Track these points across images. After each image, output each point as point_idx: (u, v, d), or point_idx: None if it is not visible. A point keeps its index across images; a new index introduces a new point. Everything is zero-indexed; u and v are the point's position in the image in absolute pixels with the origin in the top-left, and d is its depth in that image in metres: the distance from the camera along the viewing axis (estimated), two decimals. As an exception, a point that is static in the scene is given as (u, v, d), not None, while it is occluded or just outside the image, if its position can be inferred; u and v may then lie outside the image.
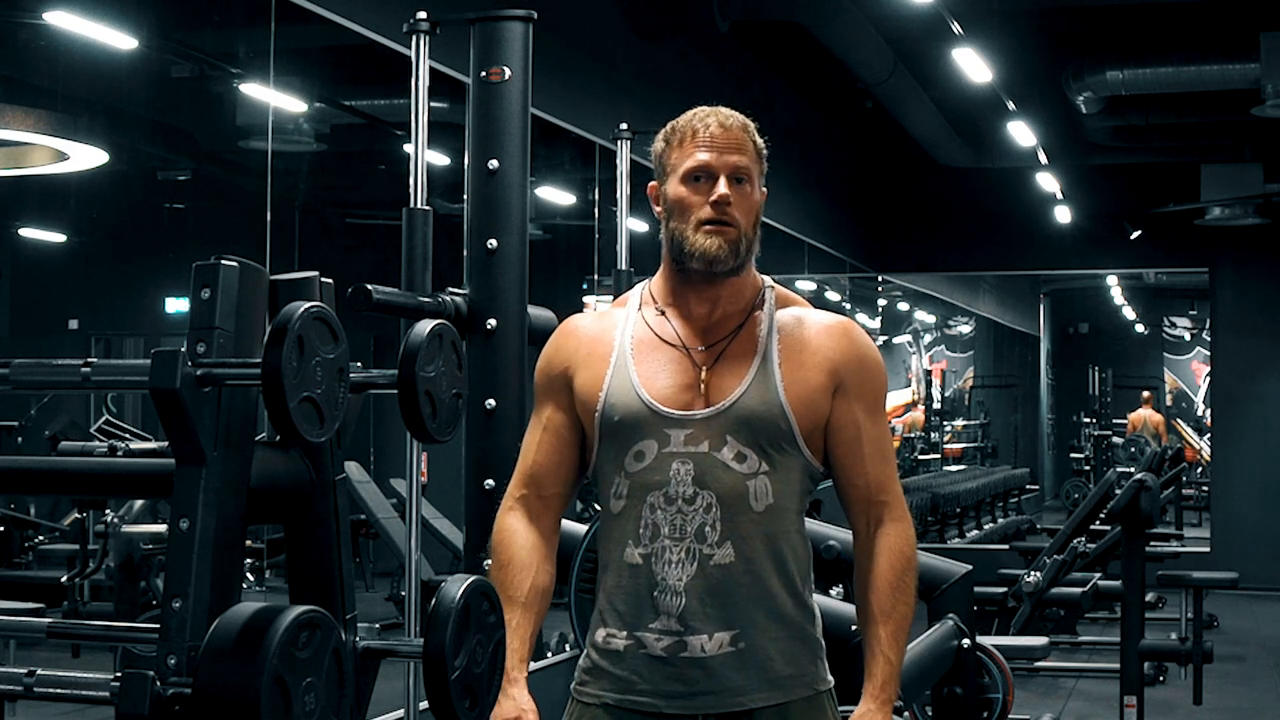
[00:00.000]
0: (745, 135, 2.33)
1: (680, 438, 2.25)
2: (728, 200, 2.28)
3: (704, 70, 9.01)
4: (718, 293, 2.32)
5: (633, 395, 2.28)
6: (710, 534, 2.23)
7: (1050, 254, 13.77)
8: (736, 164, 2.30)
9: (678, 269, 2.33)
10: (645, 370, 2.29)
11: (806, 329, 2.33)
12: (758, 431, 2.24)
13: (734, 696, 2.23)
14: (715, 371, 2.28)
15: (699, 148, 2.30)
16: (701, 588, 2.22)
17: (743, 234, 2.30)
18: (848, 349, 2.33)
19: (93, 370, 2.14)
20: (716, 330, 2.32)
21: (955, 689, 3.82)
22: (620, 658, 2.26)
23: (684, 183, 2.30)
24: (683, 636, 2.22)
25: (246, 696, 1.84)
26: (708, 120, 2.32)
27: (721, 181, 2.28)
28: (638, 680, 2.25)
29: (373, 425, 9.96)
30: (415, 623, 3.64)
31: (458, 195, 3.88)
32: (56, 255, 10.36)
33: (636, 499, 2.26)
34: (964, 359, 20.56)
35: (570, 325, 2.42)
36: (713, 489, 2.24)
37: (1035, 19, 9.89)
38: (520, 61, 3.48)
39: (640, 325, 2.34)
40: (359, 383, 2.24)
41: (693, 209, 2.29)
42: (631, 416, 2.27)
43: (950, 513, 14.18)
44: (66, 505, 8.58)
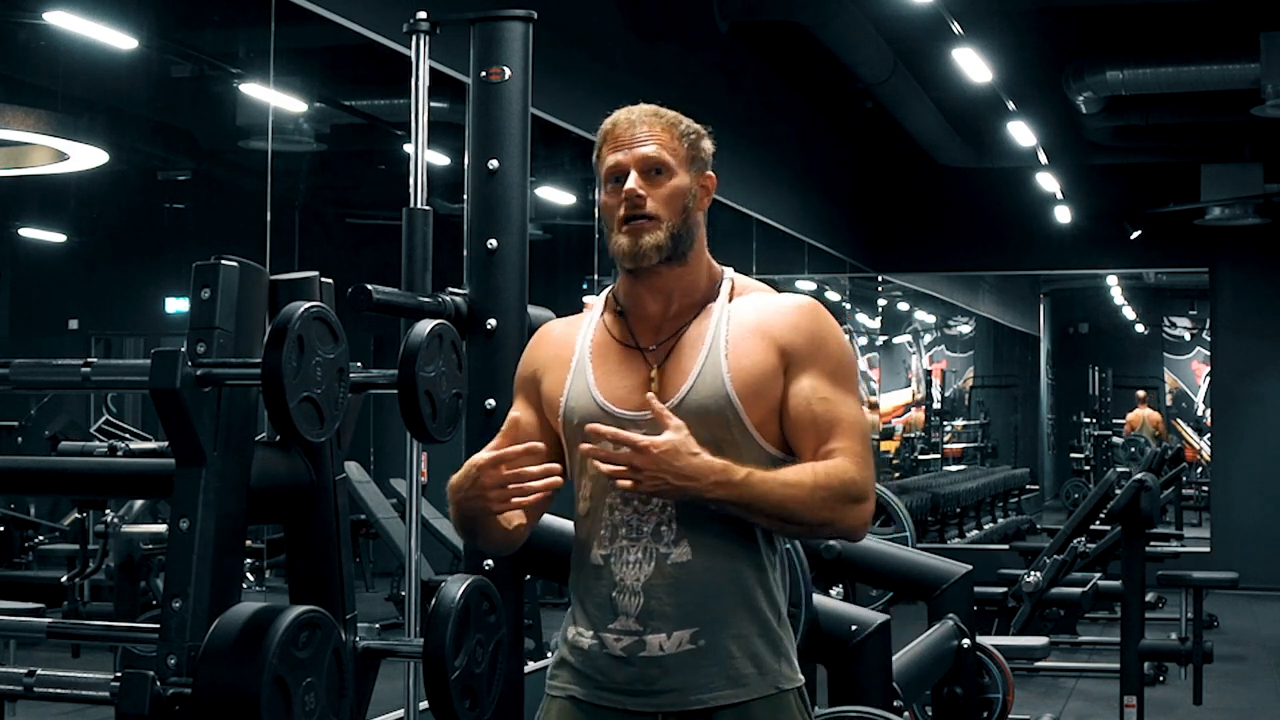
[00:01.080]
0: (657, 123, 2.30)
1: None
2: (636, 194, 2.26)
3: (704, 70, 9.01)
4: (669, 288, 2.32)
5: (589, 398, 2.29)
6: (666, 533, 2.23)
7: (1050, 254, 13.77)
8: (645, 155, 2.27)
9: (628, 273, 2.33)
10: (601, 372, 2.31)
11: (758, 313, 2.32)
12: (708, 425, 2.23)
13: (694, 694, 2.23)
14: (665, 369, 2.29)
15: (610, 150, 2.29)
16: (660, 587, 2.22)
17: (665, 224, 2.27)
18: (798, 324, 2.31)
19: (93, 370, 2.14)
20: (669, 327, 2.32)
21: (955, 689, 3.82)
22: (586, 655, 2.27)
23: (606, 188, 2.31)
24: (641, 636, 2.23)
25: (246, 696, 1.84)
26: (617, 119, 2.31)
27: (631, 177, 2.27)
28: (602, 678, 2.26)
29: (373, 425, 9.96)
30: (415, 623, 3.64)
31: (458, 195, 3.88)
32: (56, 255, 10.36)
33: (598, 500, 2.27)
34: (964, 359, 20.55)
35: (543, 331, 2.45)
36: None
37: (1035, 19, 9.88)
38: (520, 61, 3.48)
39: (599, 328, 2.36)
40: (359, 383, 2.24)
41: (613, 212, 2.29)
42: (589, 417, 2.27)
43: (950, 513, 14.18)
44: (66, 505, 8.58)
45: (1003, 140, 11.72)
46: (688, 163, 2.31)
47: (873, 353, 14.64)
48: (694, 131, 2.33)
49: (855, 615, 3.38)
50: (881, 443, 15.10)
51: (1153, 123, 11.19)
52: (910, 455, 17.03)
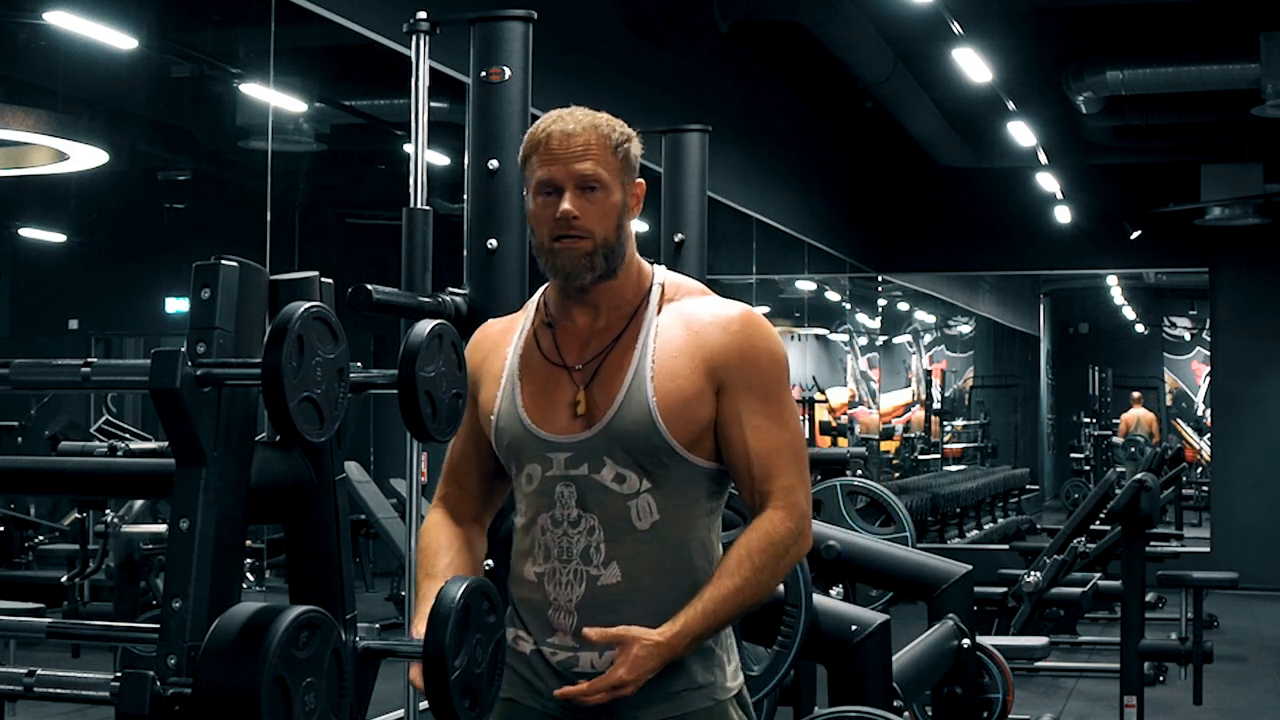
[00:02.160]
0: (592, 136, 2.21)
1: (560, 461, 2.24)
2: (572, 215, 2.20)
3: (704, 70, 9.01)
4: (597, 299, 2.27)
5: (516, 418, 2.26)
6: (595, 555, 2.22)
7: (1050, 254, 13.78)
8: (581, 172, 2.20)
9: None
10: (529, 391, 2.27)
11: (688, 328, 2.25)
12: (633, 451, 2.20)
13: (628, 711, 2.21)
14: (591, 390, 2.24)
15: (543, 160, 2.22)
16: (591, 607, 2.21)
17: (599, 243, 2.21)
18: (728, 344, 2.22)
19: (93, 370, 2.14)
20: (595, 343, 2.27)
21: (955, 689, 3.82)
22: (526, 660, 2.28)
23: (535, 197, 2.24)
24: (576, 653, 2.23)
25: (246, 696, 1.84)
26: (552, 129, 2.22)
27: (566, 196, 2.20)
28: (541, 684, 2.27)
29: (373, 425, 9.96)
30: (415, 623, 3.64)
31: (458, 195, 3.89)
32: (56, 255, 10.37)
33: (531, 520, 2.27)
34: (964, 359, 20.56)
35: (479, 334, 2.41)
36: (594, 511, 2.22)
37: (1035, 19, 9.89)
38: (520, 61, 3.48)
39: (529, 340, 2.31)
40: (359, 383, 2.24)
41: (543, 225, 2.23)
42: (517, 440, 2.26)
43: (950, 513, 14.18)
44: (66, 505, 8.58)
45: (1003, 140, 11.72)
46: (620, 175, 2.24)
47: (873, 353, 14.64)
48: (625, 139, 2.25)
49: (855, 615, 3.38)
50: (881, 443, 15.11)
51: (1153, 123, 11.19)
52: (910, 455, 17.04)
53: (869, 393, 14.47)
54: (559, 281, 2.26)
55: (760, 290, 12.05)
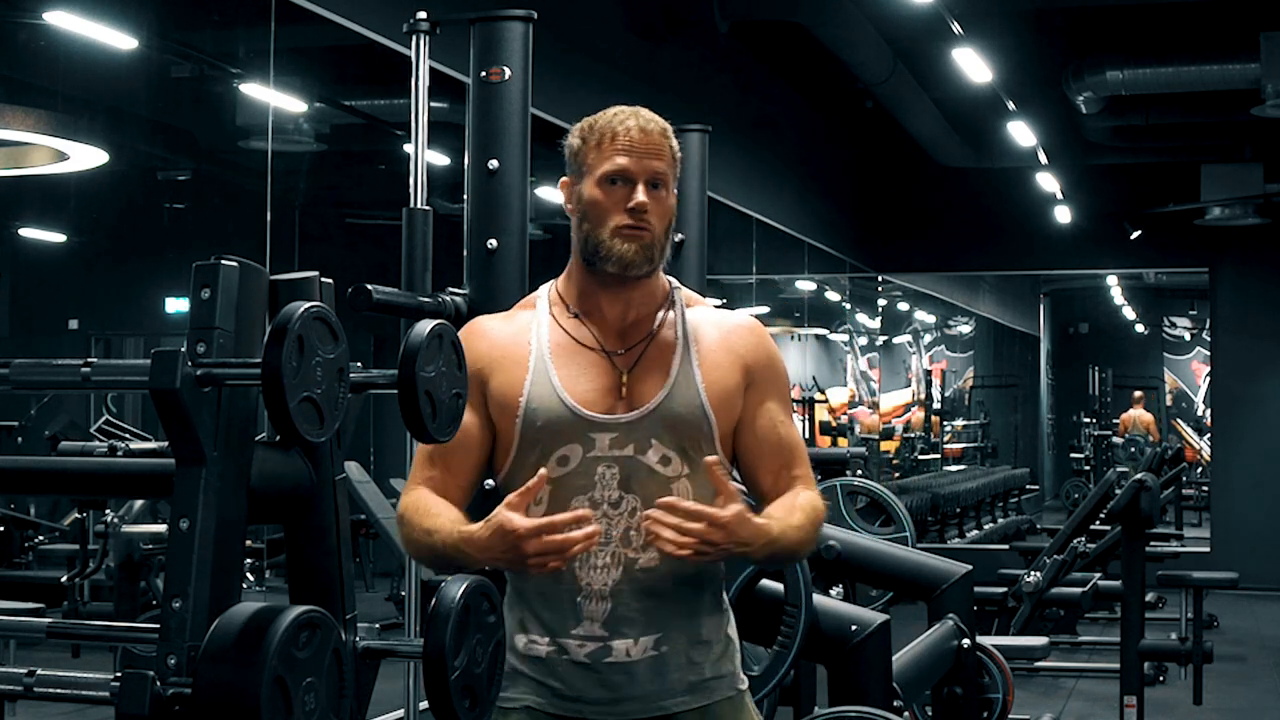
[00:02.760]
0: (664, 140, 2.28)
1: (605, 441, 2.24)
2: (645, 208, 2.24)
3: (704, 70, 9.01)
4: (629, 295, 2.30)
5: (555, 399, 2.26)
6: (635, 538, 2.22)
7: (1050, 254, 13.78)
8: (655, 169, 2.26)
9: (589, 270, 2.30)
10: (566, 374, 2.27)
11: (718, 329, 2.34)
12: (680, 434, 2.24)
13: (658, 700, 2.23)
14: (636, 375, 2.27)
15: (618, 151, 2.25)
16: (628, 592, 2.21)
17: (656, 239, 2.27)
18: (758, 347, 2.34)
19: (93, 370, 2.14)
20: (633, 333, 2.31)
21: (955, 689, 3.82)
22: (543, 664, 2.26)
23: (600, 185, 2.26)
24: (607, 642, 2.22)
25: (246, 696, 1.84)
26: (628, 123, 2.27)
27: (640, 188, 2.25)
28: (562, 686, 2.24)
29: (373, 425, 9.96)
30: (415, 623, 3.64)
31: (458, 195, 3.89)
32: (56, 255, 10.36)
33: (559, 504, 2.23)
34: (964, 359, 20.56)
35: (480, 326, 2.38)
36: (638, 493, 2.23)
37: (1035, 19, 9.89)
38: (520, 61, 3.48)
39: (555, 328, 2.32)
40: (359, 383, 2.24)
41: (609, 213, 2.25)
42: (554, 421, 2.25)
43: (950, 513, 14.18)
44: (66, 505, 8.58)
45: (1003, 140, 11.72)
46: (675, 180, 2.31)
47: (873, 353, 14.64)
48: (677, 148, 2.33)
49: (855, 615, 3.38)
50: (881, 443, 15.10)
51: (1153, 123, 11.19)
52: (910, 455, 17.04)
53: (869, 393, 14.47)
54: (614, 270, 2.26)
55: (760, 290, 12.05)
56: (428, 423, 2.41)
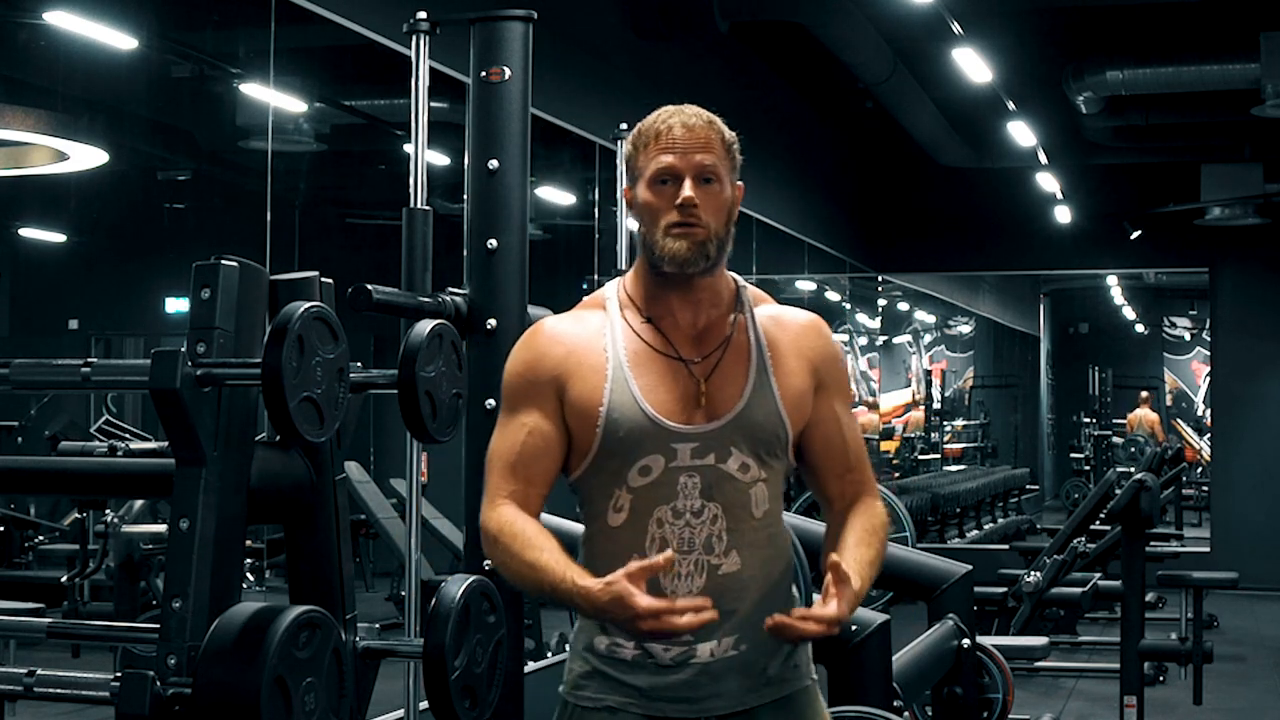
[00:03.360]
0: (711, 132, 2.28)
1: (686, 452, 2.25)
2: (693, 203, 2.24)
3: (704, 70, 9.01)
4: (698, 296, 2.31)
5: (636, 409, 2.25)
6: (717, 545, 2.24)
7: (1050, 254, 13.77)
8: (702, 163, 2.26)
9: (654, 272, 2.31)
10: (645, 383, 2.27)
11: (787, 330, 2.36)
12: (759, 441, 2.27)
13: (740, 697, 2.27)
14: (714, 383, 2.28)
15: (663, 150, 2.26)
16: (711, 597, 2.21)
17: (712, 234, 2.27)
18: (823, 347, 2.37)
19: (93, 370, 2.14)
20: (707, 339, 2.31)
21: (955, 689, 3.81)
22: (629, 666, 2.27)
23: (651, 186, 2.27)
24: (692, 645, 2.24)
25: (246, 696, 1.84)
26: (671, 121, 2.28)
27: (687, 184, 2.24)
28: (645, 686, 2.26)
29: (373, 425, 9.95)
30: (415, 623, 3.64)
31: (458, 195, 3.89)
32: (56, 255, 10.36)
33: (641, 513, 2.25)
34: (964, 359, 20.56)
35: (552, 330, 2.34)
36: (719, 500, 2.25)
37: (1035, 19, 9.88)
38: (520, 61, 3.48)
39: (630, 334, 2.31)
40: (359, 383, 2.24)
41: (661, 213, 2.26)
42: (636, 431, 2.24)
43: (950, 513, 14.17)
44: (66, 505, 8.58)
45: (1003, 140, 11.72)
46: (731, 173, 2.31)
47: (873, 353, 14.64)
48: (735, 139, 2.33)
49: (855, 615, 3.37)
50: (881, 443, 15.10)
51: (1153, 123, 11.18)
52: (910, 455, 17.03)
53: (869, 393, 14.47)
54: (670, 269, 2.27)
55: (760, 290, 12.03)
56: (428, 423, 2.41)
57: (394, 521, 8.59)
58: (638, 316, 2.32)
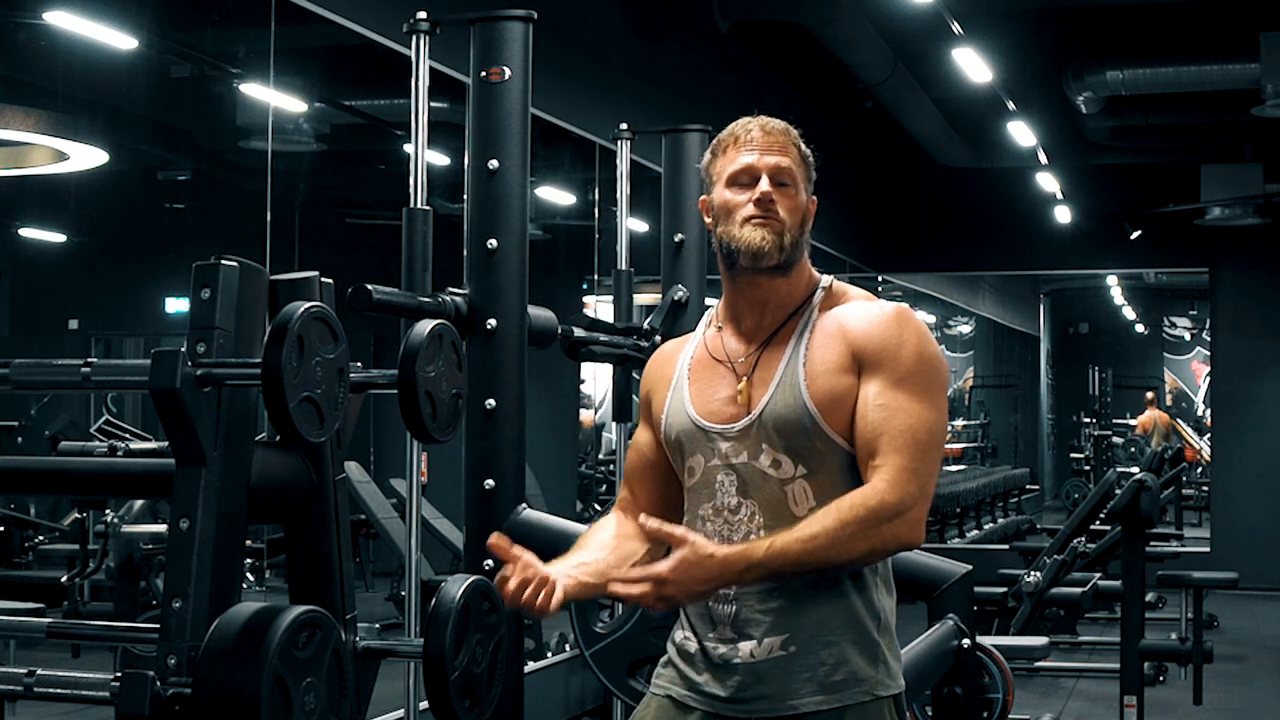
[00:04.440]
0: (787, 139, 2.36)
1: (724, 450, 2.29)
2: (770, 196, 2.30)
3: (704, 70, 9.01)
4: (767, 296, 2.33)
5: (683, 413, 2.34)
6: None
7: (1050, 254, 13.77)
8: (778, 164, 2.32)
9: (730, 276, 2.35)
10: (697, 388, 2.35)
11: (840, 320, 2.31)
12: (787, 436, 2.26)
13: (786, 700, 2.26)
14: (753, 381, 2.31)
15: (741, 151, 2.33)
16: (749, 595, 2.25)
17: (788, 229, 2.32)
18: (870, 329, 2.28)
19: (93, 370, 2.14)
20: (759, 338, 2.34)
21: (955, 689, 3.81)
22: (692, 659, 2.32)
23: (728, 187, 2.33)
24: (735, 643, 2.26)
25: (246, 696, 1.84)
26: (749, 126, 2.35)
27: (764, 179, 2.31)
28: (702, 681, 2.30)
29: (373, 425, 9.95)
30: (415, 623, 3.64)
31: (458, 195, 3.89)
32: (56, 255, 10.36)
33: (692, 512, 2.33)
34: (964, 359, 20.56)
35: (658, 352, 2.51)
36: (754, 498, 2.27)
37: (1035, 19, 9.88)
38: (520, 61, 3.48)
39: (700, 346, 2.40)
40: (359, 383, 2.24)
41: (737, 209, 2.31)
42: (683, 434, 2.34)
43: (950, 513, 14.17)
44: (66, 505, 8.58)
45: (1003, 140, 11.72)
46: (805, 181, 2.38)
47: (873, 353, 14.62)
48: (810, 154, 2.39)
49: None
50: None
51: (1153, 123, 11.19)
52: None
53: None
54: (745, 261, 2.30)
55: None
56: (428, 423, 2.41)
57: (394, 521, 8.59)
58: (714, 329, 2.41)
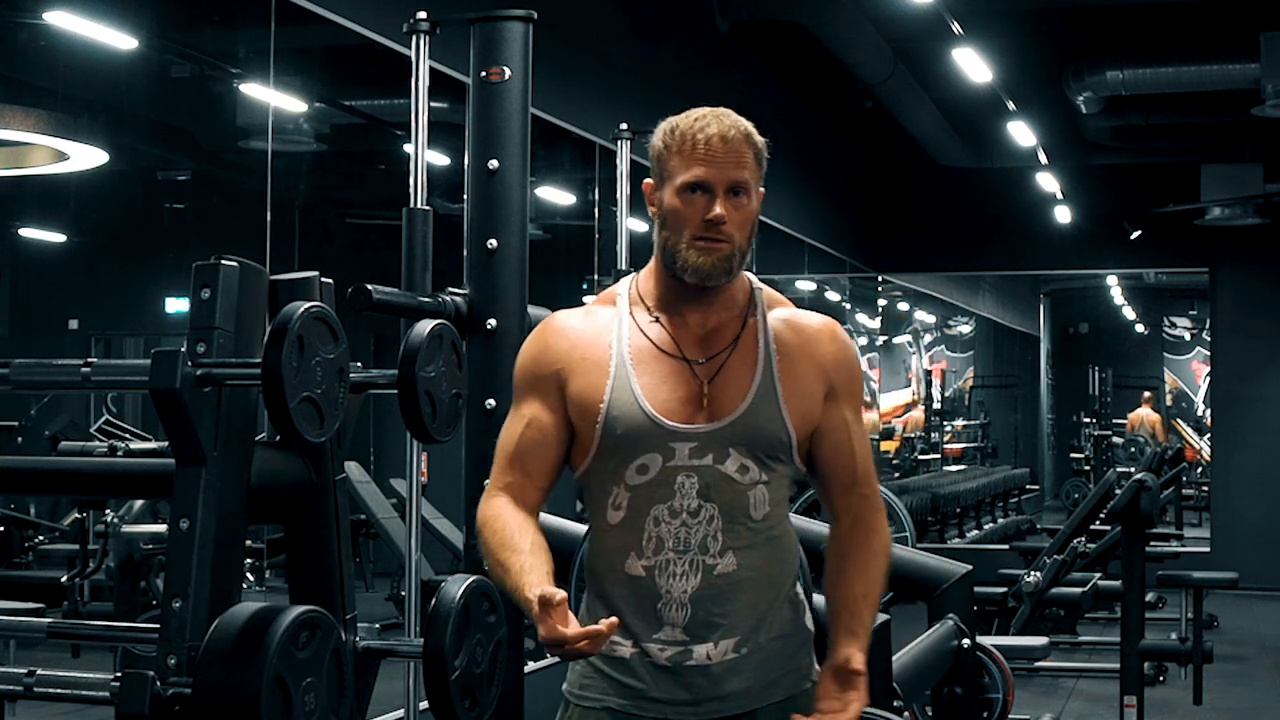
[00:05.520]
0: (745, 145, 2.26)
1: (685, 451, 2.24)
2: (723, 220, 2.23)
3: (704, 70, 9.01)
4: (711, 299, 2.30)
5: (635, 407, 2.25)
6: (712, 545, 2.23)
7: (1050, 254, 13.78)
8: (734, 178, 2.24)
9: (670, 276, 2.30)
10: (647, 381, 2.26)
11: (799, 335, 2.33)
12: (759, 445, 2.25)
13: (738, 700, 2.25)
14: (717, 384, 2.27)
15: (698, 161, 2.23)
16: (706, 598, 2.23)
17: (736, 248, 2.26)
18: (838, 353, 2.34)
19: (93, 370, 2.14)
20: (715, 340, 2.30)
21: (955, 689, 3.81)
22: (626, 665, 2.26)
23: (680, 194, 2.24)
24: (688, 646, 2.23)
25: (246, 696, 1.84)
26: (709, 130, 2.24)
27: (718, 202, 2.23)
28: (645, 688, 2.25)
29: (373, 425, 9.96)
30: (415, 623, 3.64)
31: (458, 195, 3.89)
32: (56, 255, 10.36)
33: (638, 511, 2.25)
34: (964, 359, 20.55)
35: (559, 324, 2.34)
36: (716, 501, 2.24)
37: (1035, 19, 9.88)
38: (520, 61, 3.48)
39: (636, 332, 2.30)
40: (359, 383, 2.24)
41: (687, 223, 2.24)
42: (635, 429, 2.24)
43: (950, 513, 14.17)
44: (66, 505, 8.58)
45: (1003, 140, 11.72)
46: (758, 182, 2.29)
47: (873, 353, 14.64)
48: (764, 148, 2.31)
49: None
50: (881, 443, 15.10)
51: (1153, 123, 11.19)
52: (910, 455, 17.03)
53: (869, 393, 14.47)
54: (691, 280, 2.26)
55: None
56: (428, 423, 2.41)
57: (394, 521, 8.59)
58: (646, 315, 2.31)
